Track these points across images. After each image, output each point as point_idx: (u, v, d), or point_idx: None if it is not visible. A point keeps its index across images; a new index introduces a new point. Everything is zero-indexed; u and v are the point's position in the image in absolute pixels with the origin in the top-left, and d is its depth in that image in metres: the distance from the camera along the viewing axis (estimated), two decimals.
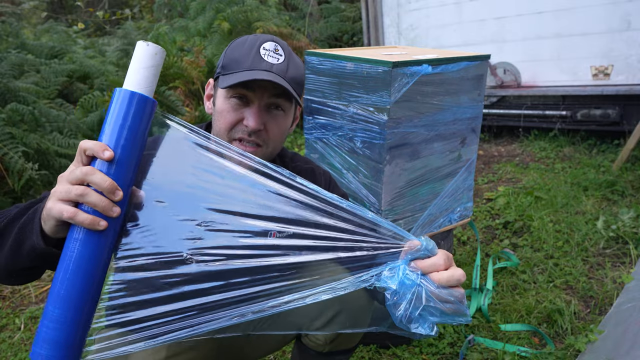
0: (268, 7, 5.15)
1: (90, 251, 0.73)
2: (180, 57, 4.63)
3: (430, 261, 0.79)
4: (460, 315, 0.78)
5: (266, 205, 0.83)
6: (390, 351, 1.88)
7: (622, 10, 3.60)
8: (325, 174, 1.31)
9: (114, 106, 0.75)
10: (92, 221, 0.71)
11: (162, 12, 7.20)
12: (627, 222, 2.61)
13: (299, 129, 4.99)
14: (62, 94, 4.38)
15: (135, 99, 0.75)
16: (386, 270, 0.80)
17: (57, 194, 0.73)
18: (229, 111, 1.04)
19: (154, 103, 0.78)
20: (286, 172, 0.83)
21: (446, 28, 4.60)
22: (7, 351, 2.02)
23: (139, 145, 0.76)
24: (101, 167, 0.73)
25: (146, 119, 0.77)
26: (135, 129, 0.75)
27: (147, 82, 0.78)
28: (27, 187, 3.09)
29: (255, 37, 1.06)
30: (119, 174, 0.74)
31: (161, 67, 0.80)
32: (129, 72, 0.78)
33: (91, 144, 0.73)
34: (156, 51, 0.78)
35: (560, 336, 1.91)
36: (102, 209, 0.71)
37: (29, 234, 0.80)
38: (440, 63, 1.69)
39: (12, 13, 6.43)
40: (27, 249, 0.81)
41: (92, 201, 0.71)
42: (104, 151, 0.72)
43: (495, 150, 4.39)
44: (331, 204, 0.83)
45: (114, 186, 0.72)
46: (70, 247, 0.73)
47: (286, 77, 1.02)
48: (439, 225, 1.97)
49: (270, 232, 0.85)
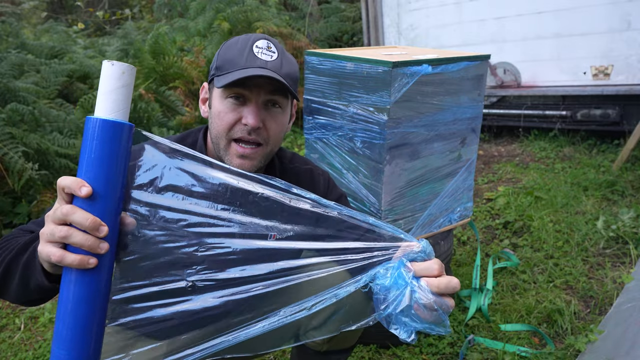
0: (268, 7, 5.15)
1: (86, 289, 0.71)
2: (180, 57, 4.63)
3: (425, 264, 0.78)
4: (440, 326, 0.77)
5: (263, 221, 0.83)
6: (390, 351, 1.88)
7: (622, 10, 3.60)
8: (324, 174, 1.31)
9: (88, 138, 0.70)
10: (80, 261, 0.69)
11: (162, 12, 7.20)
12: (627, 222, 2.61)
13: (298, 128, 4.99)
14: (62, 94, 4.38)
15: (108, 127, 0.71)
16: (381, 269, 0.79)
17: (44, 236, 0.72)
18: (227, 112, 1.03)
19: (130, 127, 0.74)
20: (281, 182, 0.83)
21: (446, 28, 4.60)
22: (7, 351, 2.02)
23: (120, 173, 0.72)
24: (82, 204, 0.70)
25: (124, 145, 0.73)
26: (114, 159, 0.71)
27: (118, 105, 0.72)
28: (27, 187, 3.09)
29: (247, 37, 1.06)
30: (102, 208, 0.70)
31: (133, 84, 0.74)
32: (99, 97, 0.72)
33: (68, 181, 0.70)
34: (123, 70, 0.72)
35: (560, 336, 1.91)
36: (89, 247, 0.69)
37: (32, 271, 0.81)
38: (440, 63, 1.69)
39: (12, 13, 6.43)
40: (33, 286, 0.82)
41: (77, 242, 0.69)
42: (81, 188, 0.69)
43: (495, 150, 4.39)
44: (330, 209, 0.83)
45: (97, 223, 0.69)
46: (65, 288, 0.71)
47: (281, 73, 1.02)
48: (439, 225, 1.97)
49: (270, 234, 0.85)
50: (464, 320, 2.01)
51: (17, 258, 0.85)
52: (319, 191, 1.27)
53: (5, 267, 0.86)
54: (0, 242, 0.92)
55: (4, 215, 3.03)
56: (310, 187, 1.25)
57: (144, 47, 4.42)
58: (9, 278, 0.86)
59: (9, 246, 0.89)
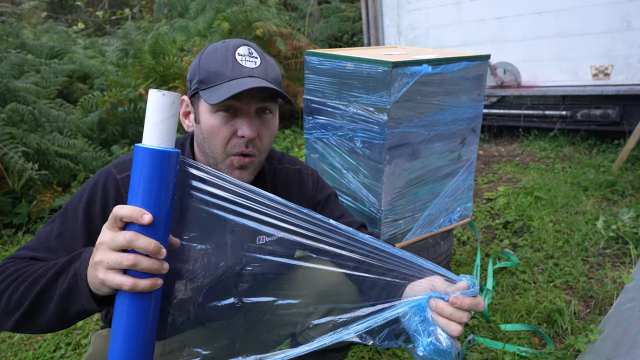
0: (268, 7, 5.15)
1: (141, 308, 0.75)
2: (180, 57, 4.63)
3: (476, 300, 0.80)
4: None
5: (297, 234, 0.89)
6: (390, 351, 1.88)
7: (622, 10, 3.60)
8: (312, 174, 1.30)
9: (140, 167, 0.74)
10: (152, 285, 0.74)
11: (162, 12, 7.20)
12: (627, 222, 2.61)
13: (298, 128, 4.98)
14: (62, 94, 4.38)
15: (162, 157, 0.74)
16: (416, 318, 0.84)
17: (106, 264, 0.73)
18: (220, 126, 1.00)
19: (177, 154, 0.78)
20: (306, 210, 0.88)
21: (446, 28, 4.60)
22: (7, 351, 2.02)
23: (171, 199, 0.76)
24: (140, 230, 0.73)
25: (173, 172, 0.77)
26: (166, 186, 0.75)
27: (168, 135, 0.76)
28: (27, 187, 3.09)
29: (226, 44, 1.03)
30: (159, 232, 0.75)
31: (179, 112, 0.78)
32: (148, 125, 0.76)
33: (127, 211, 0.72)
34: (173, 99, 0.76)
35: (560, 336, 1.91)
36: (156, 271, 0.74)
37: (75, 299, 0.81)
38: (440, 63, 1.69)
39: (12, 13, 6.42)
40: (75, 312, 0.82)
41: (145, 267, 0.73)
42: (143, 216, 0.72)
43: (495, 150, 4.39)
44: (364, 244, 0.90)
45: (159, 247, 0.73)
46: (120, 309, 0.75)
47: (268, 79, 1.00)
48: (439, 225, 1.97)
49: (261, 237, 0.93)
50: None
51: (49, 288, 0.83)
52: (308, 191, 1.26)
53: (35, 300, 0.83)
54: (4, 276, 0.87)
55: (4, 215, 3.03)
56: (299, 187, 1.25)
57: (144, 47, 4.42)
58: (40, 310, 0.84)
59: (25, 278, 0.85)
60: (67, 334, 2.10)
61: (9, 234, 2.95)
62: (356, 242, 0.89)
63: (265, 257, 0.93)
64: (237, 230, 0.89)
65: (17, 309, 0.84)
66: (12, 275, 0.87)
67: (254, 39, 4.52)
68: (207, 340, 0.97)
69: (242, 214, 0.85)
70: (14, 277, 0.86)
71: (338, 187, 1.91)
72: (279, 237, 0.89)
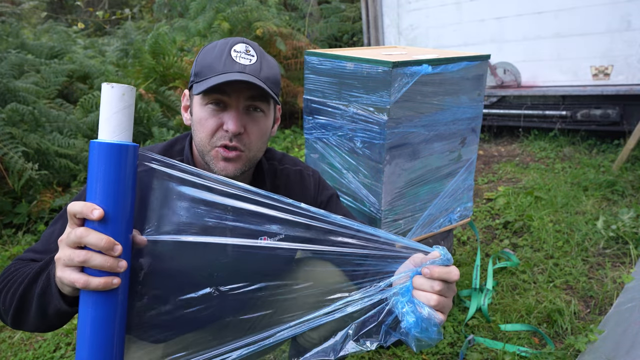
0: (268, 7, 5.14)
1: (105, 309, 0.73)
2: (180, 57, 4.63)
3: (447, 269, 0.80)
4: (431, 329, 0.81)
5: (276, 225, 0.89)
6: (390, 351, 1.88)
7: (622, 10, 3.60)
8: (314, 175, 1.30)
9: (94, 162, 0.71)
10: (105, 283, 0.71)
11: (162, 12, 7.20)
12: (627, 222, 2.61)
13: (298, 128, 4.98)
14: (62, 94, 4.38)
15: (114, 150, 0.72)
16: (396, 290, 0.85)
17: (61, 261, 0.73)
18: (207, 118, 1.02)
19: (135, 148, 0.75)
20: (289, 200, 0.88)
21: (446, 28, 4.60)
22: (7, 351, 2.02)
23: (129, 193, 0.74)
24: (94, 227, 0.71)
25: (130, 166, 0.74)
26: (122, 180, 0.72)
27: (122, 127, 0.73)
28: (27, 187, 3.09)
29: (225, 41, 1.04)
30: (114, 229, 0.72)
31: (134, 104, 0.75)
32: (101, 120, 0.73)
33: (78, 206, 0.71)
34: (124, 91, 0.73)
35: (560, 336, 1.91)
36: (109, 268, 0.71)
37: (49, 298, 0.81)
38: (440, 63, 1.69)
39: (12, 13, 6.42)
40: (52, 312, 0.82)
41: (97, 264, 0.71)
42: (93, 211, 0.70)
43: (495, 150, 4.39)
44: (337, 224, 0.88)
45: (112, 242, 0.71)
46: (83, 311, 0.73)
47: (260, 77, 1.00)
48: (439, 225, 1.97)
49: (261, 237, 0.91)
50: (464, 320, 2.01)
51: (30, 288, 0.84)
52: (310, 192, 1.26)
53: (20, 300, 0.85)
54: (4, 276, 0.91)
55: (4, 215, 3.03)
56: (301, 188, 1.25)
57: (144, 47, 4.42)
58: (25, 309, 0.86)
59: (16, 278, 0.88)
60: (67, 334, 2.10)
61: (9, 234, 2.95)
62: (333, 224, 0.88)
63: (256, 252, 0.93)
64: (210, 224, 0.89)
65: (10, 307, 0.86)
66: (10, 275, 0.90)
67: (254, 39, 4.52)
68: (197, 342, 0.97)
69: (209, 203, 0.84)
70: (10, 277, 0.89)
71: (338, 187, 1.91)
72: (271, 232, 0.90)
